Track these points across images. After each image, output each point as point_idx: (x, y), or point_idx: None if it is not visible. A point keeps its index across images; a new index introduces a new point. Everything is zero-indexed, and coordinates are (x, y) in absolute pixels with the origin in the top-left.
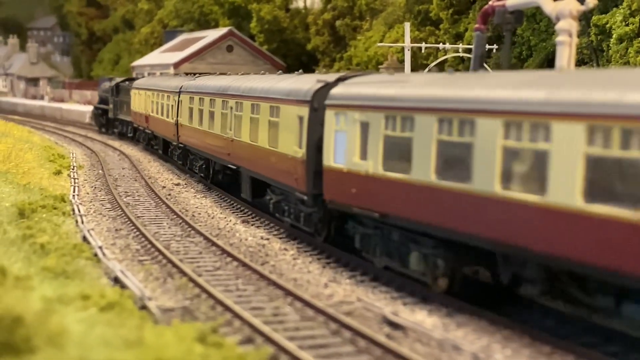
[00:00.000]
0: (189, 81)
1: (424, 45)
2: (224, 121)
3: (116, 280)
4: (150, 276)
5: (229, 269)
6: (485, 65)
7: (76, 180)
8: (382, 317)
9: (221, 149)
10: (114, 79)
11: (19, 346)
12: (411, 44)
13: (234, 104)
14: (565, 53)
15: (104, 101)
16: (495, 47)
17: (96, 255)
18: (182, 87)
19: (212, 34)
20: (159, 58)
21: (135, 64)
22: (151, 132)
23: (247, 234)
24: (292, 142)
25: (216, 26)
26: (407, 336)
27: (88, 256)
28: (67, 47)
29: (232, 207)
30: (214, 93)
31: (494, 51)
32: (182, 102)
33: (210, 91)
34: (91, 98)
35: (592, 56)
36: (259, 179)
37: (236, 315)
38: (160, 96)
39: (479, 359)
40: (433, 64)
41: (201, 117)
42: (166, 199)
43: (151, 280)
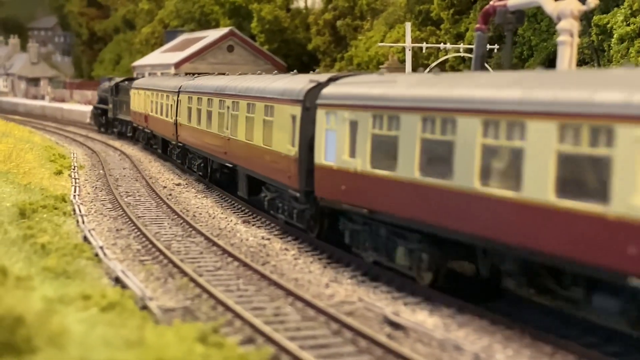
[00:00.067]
0: (187, 81)
1: (424, 45)
2: (221, 120)
3: (117, 280)
4: (151, 276)
5: (230, 269)
6: (486, 65)
7: (77, 180)
8: (383, 317)
9: (218, 147)
10: (113, 78)
11: (19, 346)
12: (412, 44)
13: (230, 104)
14: (567, 53)
15: (103, 101)
16: (497, 47)
17: (97, 255)
18: (181, 87)
19: (212, 34)
20: (160, 58)
21: (136, 64)
22: (150, 132)
23: (248, 234)
24: (285, 141)
25: (217, 26)
26: (408, 336)
27: (89, 256)
28: (68, 47)
29: (233, 207)
30: (211, 93)
31: (495, 51)
32: (181, 102)
33: (208, 91)
34: (92, 98)
35: (593, 56)
36: (254, 177)
37: (237, 316)
38: (160, 96)
39: (480, 359)
40: (434, 64)
41: (199, 117)
42: (167, 199)
43: (152, 281)
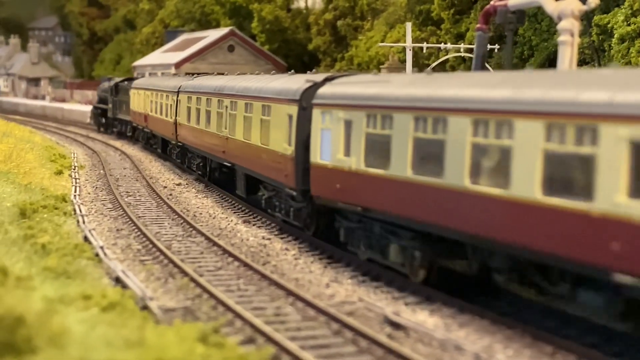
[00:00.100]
0: (187, 81)
1: (425, 45)
2: (219, 120)
3: (117, 280)
4: (151, 276)
5: (231, 269)
6: (487, 65)
7: (77, 180)
8: (384, 317)
9: (217, 147)
10: (113, 79)
11: (20, 346)
12: (412, 44)
13: (229, 103)
14: (567, 53)
15: (103, 101)
16: (497, 47)
17: (97, 255)
18: (180, 87)
19: (213, 34)
20: (161, 58)
21: (136, 64)
22: (150, 131)
23: (248, 234)
24: (282, 140)
25: (217, 26)
26: (409, 336)
27: (89, 256)
28: (69, 47)
29: (234, 207)
30: (210, 93)
31: (495, 51)
32: (181, 102)
33: (207, 91)
34: (92, 98)
35: (594, 56)
36: (252, 176)
37: (238, 316)
38: (159, 96)
39: (480, 359)
40: (434, 64)
41: (198, 117)
42: (167, 199)
43: (152, 281)
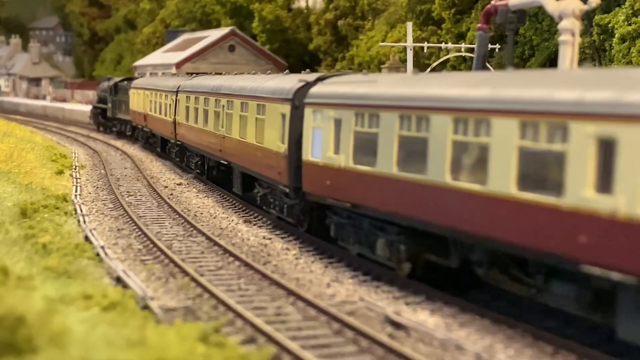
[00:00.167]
0: (185, 81)
1: (426, 45)
2: (216, 119)
3: (118, 280)
4: (152, 276)
5: (231, 268)
6: (487, 64)
7: (78, 180)
8: (385, 316)
9: (214, 145)
10: (112, 78)
11: (21, 346)
12: (413, 43)
13: (225, 103)
14: (568, 52)
15: (102, 101)
16: (498, 46)
17: (98, 255)
18: (179, 87)
19: (214, 34)
20: (161, 58)
21: (137, 63)
22: (149, 131)
23: (249, 234)
24: (276, 138)
25: (218, 26)
26: (410, 336)
27: (90, 256)
28: (69, 47)
29: (234, 206)
30: (208, 92)
31: (496, 51)
32: (180, 101)
33: (205, 90)
34: (93, 98)
35: (595, 56)
36: (248, 173)
37: (238, 315)
38: (159, 95)
39: (481, 358)
40: (435, 64)
41: (197, 116)
42: (168, 198)
43: (153, 280)
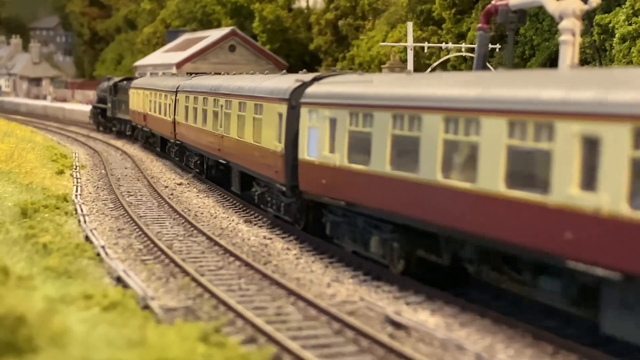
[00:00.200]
0: (185, 81)
1: (426, 45)
2: (215, 119)
3: (119, 280)
4: (152, 276)
5: (232, 268)
6: (488, 64)
7: (78, 180)
8: (385, 316)
9: (213, 145)
10: (112, 78)
11: (21, 346)
12: (414, 43)
13: (224, 102)
14: (569, 52)
15: (102, 100)
16: (498, 46)
17: (99, 254)
18: (179, 87)
19: (214, 34)
20: (162, 58)
21: (137, 63)
22: (149, 130)
23: (249, 234)
24: (273, 138)
25: (219, 26)
26: (410, 336)
27: (90, 256)
28: (70, 47)
29: (235, 206)
30: (207, 92)
31: (497, 50)
32: (179, 101)
33: (204, 90)
34: (93, 98)
35: (595, 55)
36: (246, 172)
37: (239, 315)
38: (158, 95)
39: (482, 358)
40: (436, 64)
41: (196, 115)
42: (169, 198)
43: (154, 280)
